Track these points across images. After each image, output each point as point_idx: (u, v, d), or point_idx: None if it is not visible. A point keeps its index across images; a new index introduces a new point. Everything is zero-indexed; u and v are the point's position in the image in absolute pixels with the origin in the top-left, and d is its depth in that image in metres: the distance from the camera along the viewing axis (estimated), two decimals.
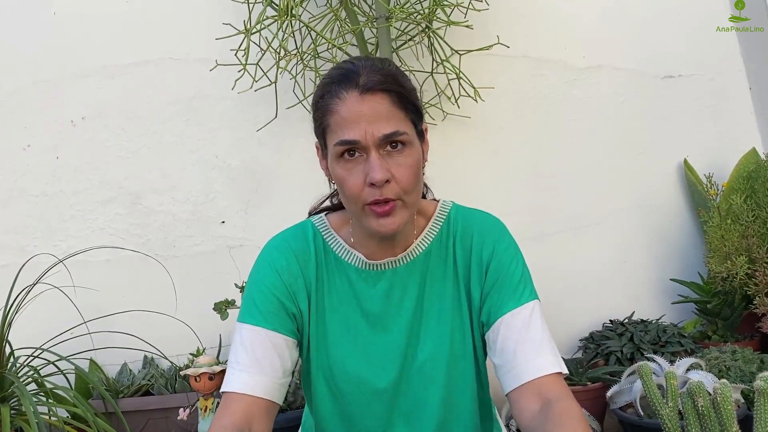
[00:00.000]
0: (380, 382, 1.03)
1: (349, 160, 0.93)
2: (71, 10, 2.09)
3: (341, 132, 0.92)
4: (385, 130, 0.91)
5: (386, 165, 0.91)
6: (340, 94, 0.92)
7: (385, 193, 0.91)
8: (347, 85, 0.92)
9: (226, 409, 0.94)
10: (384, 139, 0.91)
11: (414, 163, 0.94)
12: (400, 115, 0.93)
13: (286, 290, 1.03)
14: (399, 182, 0.92)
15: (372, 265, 1.05)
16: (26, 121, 2.08)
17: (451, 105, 2.00)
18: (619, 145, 2.12)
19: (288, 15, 1.64)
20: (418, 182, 0.96)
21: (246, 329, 1.00)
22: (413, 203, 0.97)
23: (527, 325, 0.97)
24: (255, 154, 2.06)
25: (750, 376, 1.47)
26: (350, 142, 0.91)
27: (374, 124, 0.90)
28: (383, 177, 0.90)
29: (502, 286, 1.01)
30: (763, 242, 1.77)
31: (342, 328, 1.05)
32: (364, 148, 0.91)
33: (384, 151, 0.92)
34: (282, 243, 1.08)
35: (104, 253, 2.00)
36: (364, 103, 0.91)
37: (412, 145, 0.95)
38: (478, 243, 1.04)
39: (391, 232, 0.94)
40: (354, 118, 0.91)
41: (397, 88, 0.93)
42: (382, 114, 0.91)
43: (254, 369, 0.96)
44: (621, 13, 2.15)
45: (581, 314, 2.01)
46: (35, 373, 1.69)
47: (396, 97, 0.93)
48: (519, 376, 0.94)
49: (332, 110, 0.93)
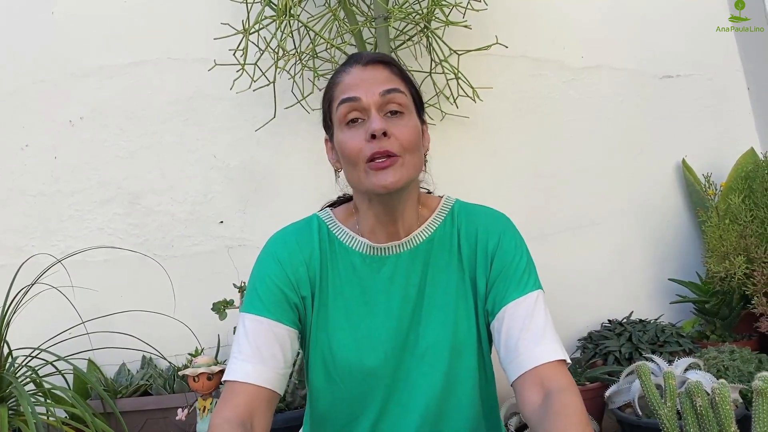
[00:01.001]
0: (380, 368, 1.04)
1: (352, 126, 0.99)
2: (70, 10, 2.09)
3: (344, 94, 0.99)
4: (384, 86, 0.98)
5: (385, 123, 0.96)
6: (345, 69, 1.02)
7: (384, 146, 0.95)
8: (352, 62, 1.03)
9: (228, 399, 0.96)
10: (384, 94, 0.98)
11: (413, 128, 1.00)
12: (400, 83, 1.01)
13: (288, 280, 1.04)
14: (398, 138, 0.97)
15: (376, 249, 1.06)
16: (25, 121, 2.07)
17: (450, 105, 2.00)
18: (618, 145, 2.12)
19: (286, 15, 1.64)
20: (417, 146, 1.00)
21: (248, 319, 1.02)
22: (414, 167, 1.00)
23: (531, 313, 0.99)
24: (254, 154, 2.06)
25: (748, 375, 1.47)
26: (351, 98, 0.98)
27: (375, 84, 0.98)
28: (382, 126, 0.95)
29: (506, 276, 1.02)
30: (761, 242, 1.77)
31: (344, 314, 1.06)
32: (366, 110, 0.97)
33: (384, 114, 0.98)
34: (285, 234, 1.10)
35: (103, 253, 2.00)
36: (366, 71, 1.00)
37: (411, 115, 1.01)
38: (483, 235, 1.06)
39: (391, 186, 0.96)
40: (356, 82, 0.99)
41: (398, 66, 1.04)
42: (382, 78, 1.00)
43: (256, 359, 0.98)
44: (620, 13, 2.16)
45: (580, 314, 2.01)
46: (33, 373, 1.68)
47: (397, 71, 1.02)
48: (521, 364, 0.95)
49: (337, 82, 1.02)
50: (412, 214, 1.07)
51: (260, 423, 0.96)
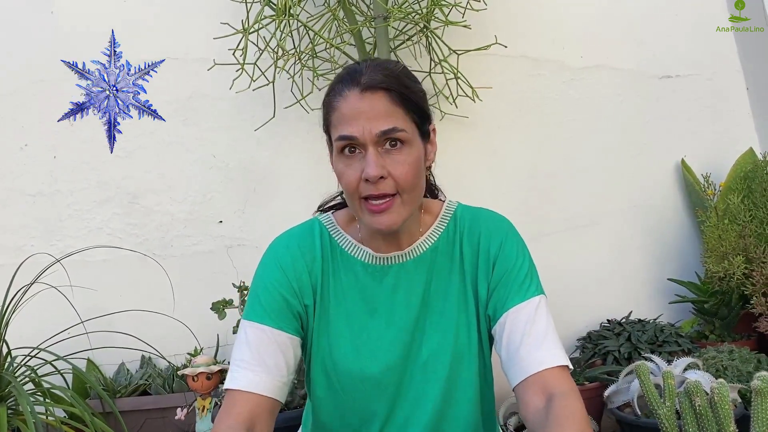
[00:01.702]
0: (382, 377, 1.03)
1: (348, 156, 0.95)
2: (69, 9, 2.09)
3: (341, 128, 0.95)
4: (383, 126, 0.93)
5: (382, 162, 0.93)
6: (343, 92, 0.95)
7: (380, 189, 0.93)
8: (350, 83, 0.95)
9: (231, 407, 0.95)
10: (381, 135, 0.93)
11: (413, 162, 0.95)
12: (399, 113, 0.95)
13: (290, 287, 1.03)
14: (396, 179, 0.94)
15: (379, 259, 1.05)
16: (24, 120, 2.07)
17: (449, 105, 2.00)
18: (617, 145, 2.12)
19: (286, 14, 1.64)
20: (416, 180, 0.97)
21: (250, 327, 1.01)
22: (412, 201, 0.98)
23: (532, 319, 0.98)
24: (253, 153, 2.06)
25: (747, 375, 1.47)
26: (348, 138, 0.94)
27: (372, 121, 0.92)
28: (377, 173, 0.92)
29: (508, 281, 1.02)
30: (760, 242, 1.77)
31: (346, 323, 1.05)
32: (363, 145, 0.94)
33: (382, 148, 0.94)
34: (288, 240, 1.08)
35: (102, 253, 1.99)
36: (364, 101, 0.93)
37: (411, 144, 0.96)
38: (485, 239, 1.05)
39: (386, 229, 0.95)
40: (353, 115, 0.93)
41: (399, 87, 0.95)
42: (380, 111, 0.93)
43: (259, 368, 0.97)
44: (619, 13, 2.15)
45: (579, 314, 2.01)
46: (32, 372, 1.68)
47: (397, 96, 0.94)
48: (523, 369, 0.95)
49: (334, 107, 0.96)
50: (414, 224, 1.06)
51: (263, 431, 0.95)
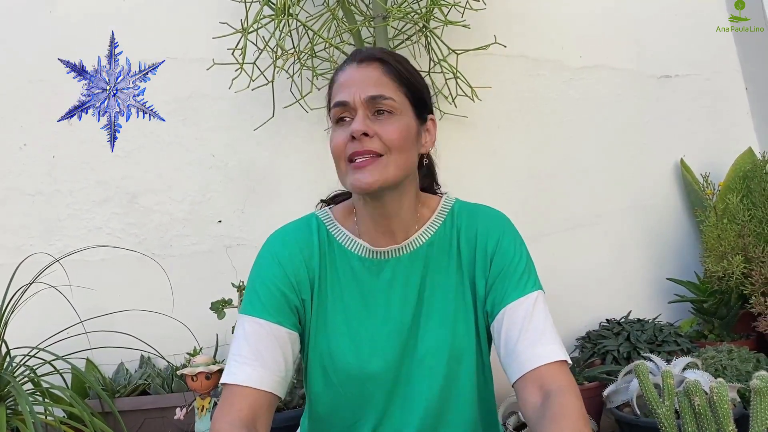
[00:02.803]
0: (380, 373, 1.03)
1: (341, 125, 1.00)
2: (69, 9, 2.09)
3: (336, 96, 1.00)
4: (371, 92, 0.97)
5: (369, 123, 0.97)
6: (343, 67, 1.03)
7: (365, 145, 0.96)
8: (350, 59, 1.03)
9: (230, 403, 0.94)
10: (369, 100, 0.97)
11: (400, 127, 0.98)
12: (390, 84, 0.99)
13: (288, 282, 1.03)
14: (382, 138, 0.96)
15: (375, 253, 1.05)
16: (23, 120, 2.07)
17: (449, 104, 2.00)
18: (616, 145, 2.12)
19: (285, 14, 1.64)
20: (403, 145, 0.99)
21: (248, 321, 1.00)
22: (399, 165, 0.98)
23: (530, 314, 0.98)
24: (252, 153, 2.06)
25: (746, 375, 1.47)
26: (340, 103, 0.99)
27: (362, 86, 0.98)
28: (362, 128, 0.96)
29: (506, 277, 1.02)
30: (759, 241, 1.77)
31: (343, 318, 1.05)
32: (353, 110, 0.98)
33: (372, 115, 0.98)
34: (285, 234, 1.09)
35: (101, 253, 1.99)
36: (359, 71, 1.00)
37: (400, 115, 0.99)
38: (482, 235, 1.06)
39: (367, 186, 0.96)
40: (347, 83, 0.99)
41: (394, 62, 1.01)
42: (371, 79, 0.99)
43: (257, 362, 0.96)
44: (618, 13, 2.16)
45: (578, 313, 2.01)
46: (31, 372, 1.68)
47: (391, 69, 1.00)
48: (521, 365, 0.95)
49: (334, 80, 1.03)
50: (410, 215, 1.06)
51: (263, 427, 0.94)
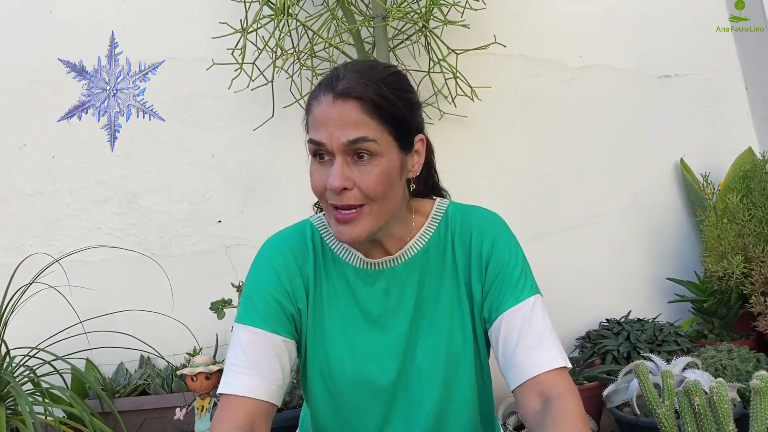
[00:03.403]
0: (379, 382, 1.03)
1: (320, 161, 0.95)
2: (68, 9, 2.09)
3: (312, 132, 0.95)
4: (350, 136, 0.90)
5: (348, 172, 0.92)
6: (318, 96, 0.94)
7: (344, 200, 0.92)
8: (326, 88, 0.93)
9: (227, 412, 0.93)
10: (348, 144, 0.91)
11: (381, 173, 0.92)
12: (371, 123, 0.92)
13: (284, 290, 1.02)
14: (362, 189, 0.92)
15: (370, 264, 1.04)
16: (23, 120, 2.07)
17: (448, 104, 2.00)
18: (616, 145, 2.12)
19: (285, 14, 1.64)
20: (386, 190, 0.94)
21: (244, 331, 1.00)
22: (382, 213, 0.95)
23: (528, 321, 0.97)
24: (251, 153, 2.06)
25: (746, 375, 1.47)
26: (316, 143, 0.93)
27: (340, 129, 0.91)
28: (339, 185, 0.91)
29: (502, 283, 1.00)
30: (759, 241, 1.77)
31: (340, 328, 1.04)
32: (330, 152, 0.92)
33: (351, 158, 0.92)
34: (279, 242, 1.07)
35: (100, 253, 1.99)
36: (334, 108, 0.91)
37: (381, 156, 0.93)
38: (477, 239, 1.04)
39: (350, 241, 0.94)
40: (323, 121, 0.92)
41: (374, 96, 0.92)
42: (350, 120, 0.91)
43: (253, 371, 0.96)
44: (617, 12, 2.16)
45: (578, 313, 2.01)
46: (31, 372, 1.68)
47: (370, 106, 0.91)
48: (521, 373, 0.94)
49: (310, 110, 0.96)
50: (402, 229, 1.04)
51: None
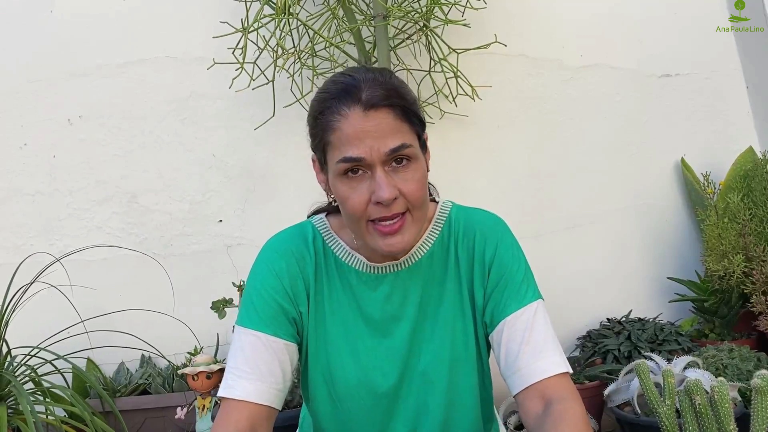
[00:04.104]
0: (381, 388, 1.02)
1: (352, 177, 0.91)
2: (69, 9, 2.08)
3: (344, 149, 0.89)
4: (392, 144, 0.89)
5: (393, 181, 0.90)
6: (342, 111, 0.89)
7: (392, 209, 0.90)
8: (349, 100, 0.89)
9: (228, 416, 0.93)
10: (390, 154, 0.89)
11: (420, 178, 0.93)
12: (404, 128, 0.91)
13: (285, 293, 1.01)
14: (407, 197, 0.91)
15: (374, 269, 1.03)
16: (22, 120, 2.07)
17: (449, 103, 2.00)
18: (616, 144, 2.12)
19: (285, 13, 1.64)
20: (425, 196, 0.95)
21: (245, 334, 0.99)
22: (421, 218, 0.96)
23: (530, 326, 0.96)
24: (252, 152, 2.06)
25: (747, 374, 1.47)
26: (354, 160, 0.89)
27: (380, 140, 0.88)
28: (391, 195, 0.88)
29: (504, 288, 1.00)
30: (759, 240, 1.77)
31: (342, 333, 1.03)
32: (369, 166, 0.89)
33: (389, 167, 0.90)
34: (281, 244, 1.06)
35: (101, 252, 1.99)
36: (369, 120, 0.88)
37: (417, 159, 0.93)
38: (480, 244, 1.03)
39: (399, 251, 0.93)
40: (358, 135, 0.88)
41: (401, 101, 0.91)
42: (387, 129, 0.89)
43: (254, 375, 0.95)
44: (618, 12, 2.16)
45: (578, 313, 2.01)
46: (32, 372, 1.68)
47: (400, 111, 0.90)
48: (523, 378, 0.94)
49: (334, 127, 0.90)
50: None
51: None
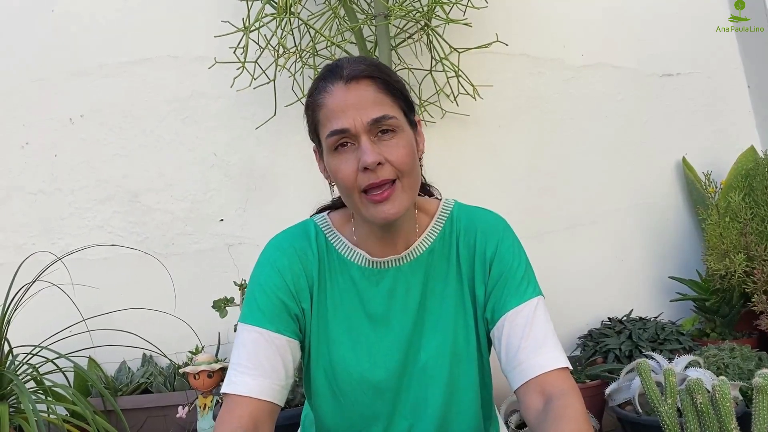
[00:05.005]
0: (382, 382, 1.03)
1: (342, 151, 0.94)
2: (70, 8, 2.09)
3: (330, 123, 0.93)
4: (373, 114, 0.92)
5: (378, 149, 0.92)
6: (327, 88, 0.94)
7: (380, 175, 0.92)
8: (332, 78, 0.94)
9: (230, 412, 0.94)
10: (373, 123, 0.92)
11: (407, 145, 0.95)
12: (387, 100, 0.94)
13: (288, 290, 1.02)
14: (393, 163, 0.93)
15: (375, 263, 1.04)
16: (24, 119, 2.07)
17: (450, 103, 2.00)
18: (617, 144, 2.12)
19: (287, 12, 1.64)
20: (413, 164, 0.96)
21: (248, 330, 1.00)
22: (412, 187, 0.97)
23: (530, 321, 0.97)
24: (253, 152, 2.06)
25: (748, 373, 1.47)
26: (340, 131, 0.92)
27: (362, 110, 0.92)
28: (375, 159, 0.91)
29: (505, 284, 1.01)
30: (761, 240, 1.77)
31: (344, 327, 1.04)
32: (355, 137, 0.92)
33: (375, 137, 0.93)
34: (283, 242, 1.07)
35: (103, 251, 2.00)
36: (350, 92, 0.92)
37: (402, 131, 0.95)
38: (481, 241, 1.04)
39: (392, 217, 0.94)
40: (341, 108, 0.92)
41: (382, 75, 0.95)
42: (368, 100, 0.92)
43: (257, 371, 0.96)
44: (619, 11, 2.16)
45: (580, 312, 2.01)
46: (34, 371, 1.69)
47: (381, 84, 0.94)
48: (523, 373, 0.95)
49: (320, 104, 0.95)
50: (411, 224, 1.05)
51: None
